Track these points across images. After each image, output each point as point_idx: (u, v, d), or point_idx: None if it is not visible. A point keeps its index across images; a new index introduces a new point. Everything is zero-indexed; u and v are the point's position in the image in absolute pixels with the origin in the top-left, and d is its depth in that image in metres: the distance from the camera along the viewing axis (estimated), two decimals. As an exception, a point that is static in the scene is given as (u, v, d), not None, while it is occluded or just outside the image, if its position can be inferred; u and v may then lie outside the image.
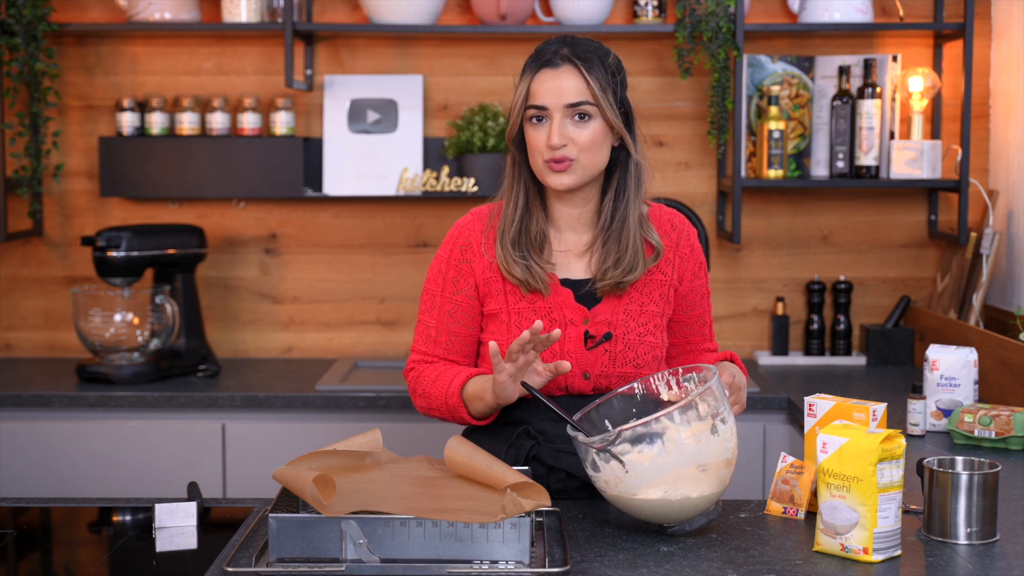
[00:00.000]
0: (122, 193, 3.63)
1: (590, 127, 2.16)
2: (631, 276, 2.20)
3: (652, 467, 1.86)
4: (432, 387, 2.24)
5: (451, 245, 2.29)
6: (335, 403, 3.26)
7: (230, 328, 3.78)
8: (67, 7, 3.65)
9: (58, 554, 2.02)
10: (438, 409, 2.25)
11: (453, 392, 2.21)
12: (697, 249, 2.31)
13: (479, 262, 2.25)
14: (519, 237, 2.21)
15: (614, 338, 2.20)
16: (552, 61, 2.16)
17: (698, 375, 2.04)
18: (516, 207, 2.23)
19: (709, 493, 1.90)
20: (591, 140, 2.16)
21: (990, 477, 1.91)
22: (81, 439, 3.25)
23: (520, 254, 2.20)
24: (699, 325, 2.33)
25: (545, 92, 2.15)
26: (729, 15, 3.44)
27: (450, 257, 2.28)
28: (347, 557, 1.78)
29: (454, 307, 2.27)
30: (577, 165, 2.16)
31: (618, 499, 1.91)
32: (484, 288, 2.25)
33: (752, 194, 3.74)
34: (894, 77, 3.57)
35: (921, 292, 3.77)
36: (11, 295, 3.78)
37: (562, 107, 2.15)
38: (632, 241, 2.20)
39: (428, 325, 2.29)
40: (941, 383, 2.75)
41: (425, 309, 2.30)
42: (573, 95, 2.15)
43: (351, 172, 3.65)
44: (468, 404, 2.21)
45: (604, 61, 2.18)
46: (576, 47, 2.17)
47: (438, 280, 2.29)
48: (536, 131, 2.17)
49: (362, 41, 3.72)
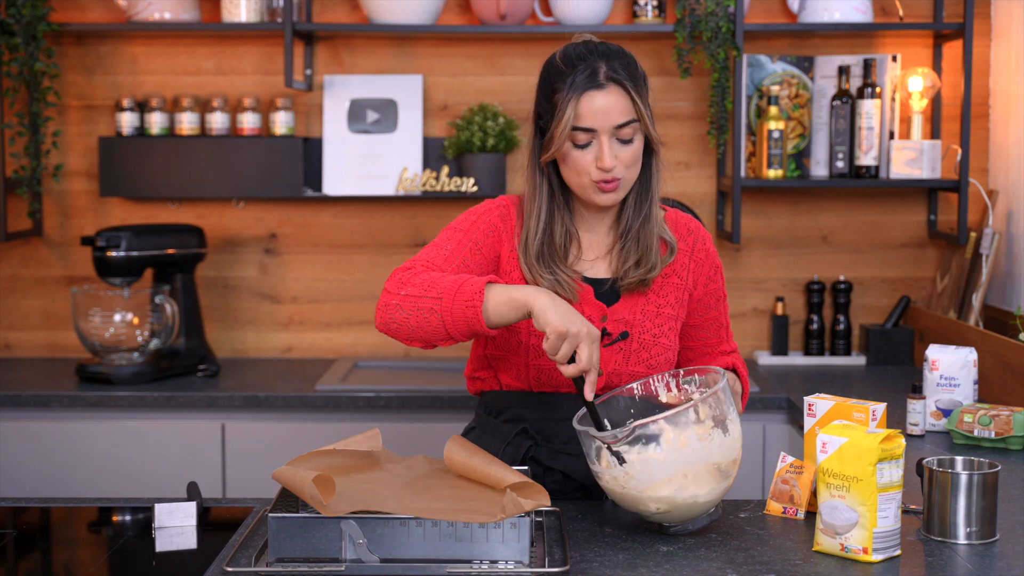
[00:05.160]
0: (122, 193, 3.63)
1: (634, 144, 2.14)
2: (652, 274, 2.21)
3: (665, 464, 1.87)
4: (440, 278, 2.03)
5: (488, 208, 2.23)
6: (335, 403, 3.26)
7: (230, 328, 3.78)
8: (67, 7, 3.65)
9: (58, 554, 2.02)
10: (435, 299, 2.00)
11: (476, 282, 1.99)
12: (712, 253, 2.32)
13: (509, 242, 2.22)
14: (543, 249, 2.19)
15: (630, 337, 2.21)
16: (595, 82, 2.10)
17: (700, 377, 2.05)
18: (540, 219, 2.19)
19: (716, 494, 1.91)
20: (635, 157, 2.15)
21: (990, 477, 1.91)
22: (81, 439, 3.25)
23: (547, 267, 2.18)
24: (715, 328, 2.34)
25: (593, 114, 2.10)
26: (729, 15, 3.44)
27: (485, 214, 2.21)
28: (347, 557, 1.78)
29: (471, 257, 2.17)
30: (624, 182, 2.15)
31: (625, 496, 1.91)
32: (507, 266, 2.21)
33: (752, 194, 3.74)
34: (894, 77, 3.57)
35: (921, 292, 3.77)
36: (11, 295, 3.78)
37: (610, 128, 2.11)
38: (651, 241, 2.21)
39: (442, 247, 2.17)
40: (941, 383, 2.75)
41: (443, 239, 2.18)
42: (621, 116, 2.11)
43: (351, 172, 3.65)
44: (489, 302, 1.98)
45: (636, 71, 2.14)
46: (610, 60, 2.12)
47: (466, 223, 2.20)
48: (581, 153, 2.12)
49: (362, 41, 3.72)
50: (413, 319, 2.03)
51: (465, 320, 1.99)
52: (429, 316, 2.01)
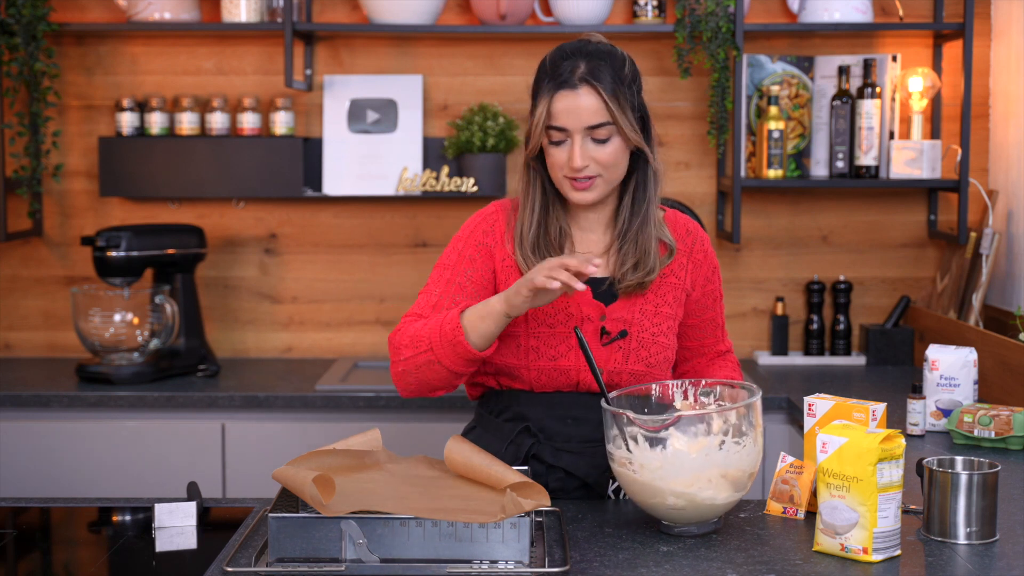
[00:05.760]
0: (122, 193, 3.63)
1: (611, 145, 2.15)
2: (650, 276, 2.22)
3: (696, 461, 1.88)
4: (423, 328, 2.13)
5: (472, 228, 2.27)
6: (335, 403, 3.26)
7: (230, 328, 3.78)
8: (67, 7, 3.65)
9: (58, 554, 2.02)
10: (426, 351, 2.11)
11: (451, 318, 2.09)
12: (711, 254, 2.33)
13: (500, 250, 2.24)
14: (538, 241, 2.21)
15: (629, 336, 2.21)
16: (570, 81, 2.13)
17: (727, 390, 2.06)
18: (533, 212, 2.22)
19: (730, 501, 1.93)
20: (612, 158, 2.16)
21: (990, 477, 1.91)
22: (81, 439, 3.25)
23: (542, 258, 2.19)
24: (712, 327, 2.35)
25: (564, 114, 2.13)
26: (729, 15, 3.44)
27: (470, 238, 2.26)
28: (347, 557, 1.78)
29: (468, 281, 2.22)
30: (600, 181, 2.17)
31: (645, 487, 1.91)
32: (502, 275, 2.24)
33: (752, 194, 3.74)
34: (894, 77, 3.57)
35: (921, 292, 3.77)
36: (11, 295, 3.78)
37: (582, 128, 2.13)
38: (650, 243, 2.21)
39: (432, 293, 2.23)
40: (941, 383, 2.75)
41: (432, 281, 2.25)
42: (592, 117, 2.13)
43: (351, 172, 3.65)
44: (468, 329, 2.08)
45: (620, 73, 2.15)
46: (591, 61, 2.14)
47: (452, 256, 2.25)
48: (557, 150, 2.16)
49: (362, 41, 3.72)
50: (423, 375, 2.14)
51: (460, 356, 2.09)
52: (432, 367, 2.12)
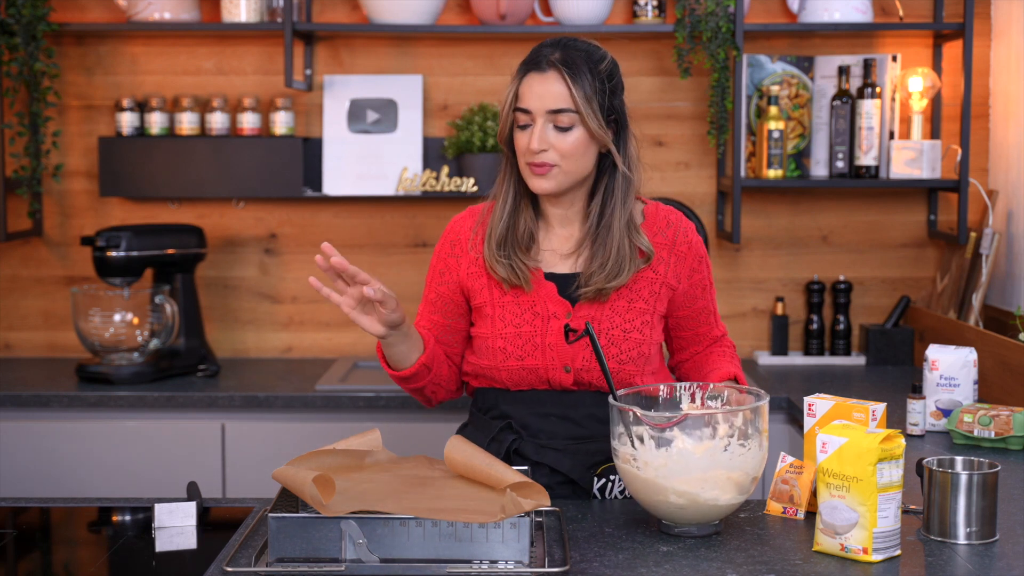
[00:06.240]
0: (122, 193, 3.63)
1: (572, 135, 2.17)
2: (615, 282, 2.21)
3: (702, 460, 1.88)
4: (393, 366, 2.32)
5: (444, 240, 2.35)
6: (335, 403, 3.26)
7: (230, 328, 3.78)
8: (67, 7, 3.65)
9: (58, 554, 2.02)
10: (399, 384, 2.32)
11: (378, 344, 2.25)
12: (695, 243, 2.31)
13: (465, 258, 2.29)
14: (506, 235, 2.25)
15: (596, 333, 2.20)
16: (540, 65, 2.18)
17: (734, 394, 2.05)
18: (505, 205, 2.26)
19: (733, 504, 1.92)
20: (572, 148, 2.17)
21: (989, 477, 1.91)
22: (80, 439, 3.25)
23: (504, 253, 2.23)
24: (704, 316, 2.36)
25: (530, 96, 2.18)
26: (729, 15, 3.44)
27: (440, 251, 2.35)
28: (347, 557, 1.78)
29: (437, 297, 2.33)
30: (558, 171, 2.19)
31: (648, 484, 1.91)
32: (468, 283, 2.29)
33: (752, 194, 3.74)
34: (894, 77, 3.57)
35: (921, 292, 3.77)
36: (11, 295, 3.78)
37: (545, 112, 2.17)
38: (617, 247, 2.21)
39: (420, 312, 2.37)
40: (941, 383, 2.75)
41: (423, 296, 2.38)
42: (556, 101, 2.16)
43: (351, 172, 3.65)
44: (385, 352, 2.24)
45: (595, 68, 2.17)
46: (568, 52, 2.18)
47: (431, 271, 2.36)
48: (521, 133, 2.20)
49: (362, 41, 3.72)
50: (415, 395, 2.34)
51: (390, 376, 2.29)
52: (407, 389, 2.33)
